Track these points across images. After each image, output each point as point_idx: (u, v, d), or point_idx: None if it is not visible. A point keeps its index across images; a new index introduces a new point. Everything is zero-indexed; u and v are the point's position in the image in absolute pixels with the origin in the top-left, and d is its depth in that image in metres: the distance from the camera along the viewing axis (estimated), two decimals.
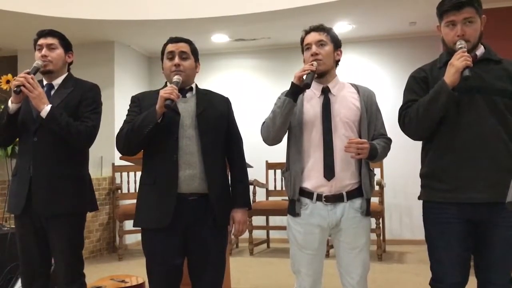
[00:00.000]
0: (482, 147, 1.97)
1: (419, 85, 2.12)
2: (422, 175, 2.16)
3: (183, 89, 2.29)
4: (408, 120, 2.08)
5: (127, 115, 2.30)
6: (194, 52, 2.34)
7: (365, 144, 2.11)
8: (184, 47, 2.29)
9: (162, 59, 2.32)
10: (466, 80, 1.92)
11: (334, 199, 2.18)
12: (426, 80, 2.11)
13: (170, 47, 2.28)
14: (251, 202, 5.63)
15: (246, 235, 5.44)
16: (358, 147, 2.10)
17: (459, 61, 1.92)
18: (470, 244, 2.03)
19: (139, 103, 2.30)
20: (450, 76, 1.95)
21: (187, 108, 2.25)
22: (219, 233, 2.26)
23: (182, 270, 2.25)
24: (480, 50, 2.08)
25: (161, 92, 2.11)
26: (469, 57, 1.93)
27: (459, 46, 1.99)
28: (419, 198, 2.18)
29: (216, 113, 2.29)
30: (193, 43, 2.36)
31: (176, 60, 2.25)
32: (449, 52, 2.08)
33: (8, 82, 3.64)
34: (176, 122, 2.20)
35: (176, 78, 2.21)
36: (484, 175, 1.96)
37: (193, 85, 2.35)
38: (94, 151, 2.61)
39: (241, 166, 2.37)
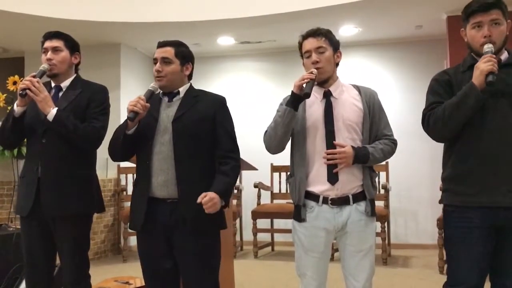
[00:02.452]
0: (507, 151, 1.96)
1: (443, 88, 2.10)
2: (444, 179, 2.14)
3: (171, 93, 2.29)
4: (434, 121, 2.05)
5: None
6: (180, 54, 2.28)
7: (344, 153, 2.12)
8: (166, 51, 2.25)
9: None
10: (489, 86, 1.91)
11: (340, 202, 2.18)
12: (450, 83, 2.09)
13: (155, 53, 2.29)
14: (257, 204, 5.64)
15: (250, 237, 5.45)
16: (336, 157, 2.13)
17: (485, 64, 1.91)
18: (490, 249, 2.01)
19: None
20: (475, 78, 1.94)
21: (168, 113, 2.25)
22: (199, 241, 2.17)
23: (174, 271, 2.24)
24: (504, 55, 2.07)
25: (128, 104, 2.15)
26: (496, 62, 1.91)
27: (487, 49, 1.97)
28: (440, 202, 2.16)
29: (198, 116, 2.22)
30: (180, 46, 2.30)
31: (157, 65, 2.25)
32: (474, 55, 2.06)
33: (15, 83, 3.66)
34: (152, 128, 2.21)
35: (150, 86, 2.23)
36: (508, 179, 1.95)
37: (181, 88, 2.30)
38: (100, 153, 2.62)
39: (227, 164, 2.21)
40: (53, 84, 2.52)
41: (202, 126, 2.23)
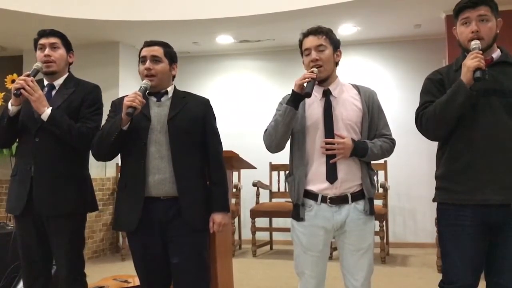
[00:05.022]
0: (498, 149, 1.97)
1: (436, 87, 2.11)
2: (437, 177, 2.15)
3: (158, 93, 2.30)
4: (426, 120, 2.06)
5: (105, 121, 2.32)
6: (169, 54, 2.32)
7: (343, 144, 2.13)
8: (156, 50, 2.28)
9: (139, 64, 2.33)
10: (477, 81, 1.91)
11: (339, 200, 2.18)
12: (443, 82, 2.10)
13: (143, 52, 2.29)
14: (255, 203, 5.65)
15: (249, 236, 5.45)
16: (334, 148, 2.13)
17: (471, 61, 1.92)
18: (483, 247, 2.02)
19: (116, 108, 2.30)
20: (463, 75, 1.95)
21: (159, 112, 2.26)
22: (194, 236, 2.24)
23: (168, 268, 2.25)
24: (497, 53, 2.07)
25: (125, 99, 2.13)
26: (483, 59, 1.92)
27: (474, 46, 1.98)
28: (433, 200, 2.16)
29: (190, 117, 2.27)
30: (168, 46, 2.34)
31: (147, 64, 2.25)
32: (464, 53, 2.07)
33: (13, 82, 3.65)
34: (145, 127, 2.21)
35: (143, 83, 2.22)
36: (499, 176, 1.96)
37: (169, 88, 2.33)
38: None
39: (217, 169, 2.33)
40: (45, 82, 2.51)
41: (194, 126, 2.27)
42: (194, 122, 2.28)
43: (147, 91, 2.25)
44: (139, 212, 2.17)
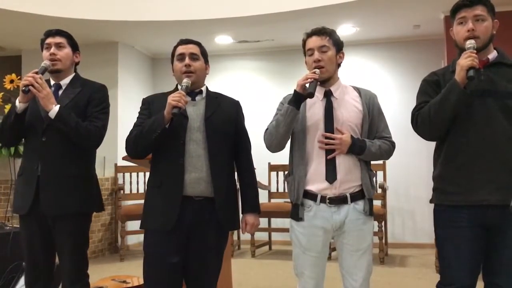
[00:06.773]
0: (493, 150, 1.97)
1: (432, 88, 2.12)
2: (434, 178, 2.15)
3: (193, 91, 2.30)
4: (421, 120, 2.07)
5: (137, 118, 2.32)
6: (204, 53, 2.35)
7: (340, 140, 2.14)
8: (193, 48, 2.30)
9: (172, 62, 2.34)
10: (470, 81, 1.91)
11: (338, 201, 2.18)
12: (438, 83, 2.11)
13: (180, 49, 2.30)
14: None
15: (248, 236, 5.44)
16: (331, 143, 2.14)
17: (465, 60, 1.93)
18: (480, 248, 2.02)
19: (149, 106, 2.31)
20: (457, 75, 1.96)
21: (195, 111, 2.26)
22: (221, 236, 2.29)
23: (181, 267, 2.24)
24: (493, 54, 2.08)
25: (169, 99, 2.13)
26: (477, 58, 1.93)
27: (468, 45, 1.99)
28: (430, 201, 2.16)
29: (224, 117, 2.29)
30: (202, 45, 2.37)
31: (187, 60, 2.26)
32: (461, 53, 2.07)
33: (12, 82, 3.64)
34: (183, 126, 2.21)
35: (185, 81, 2.23)
36: (495, 177, 1.96)
37: (203, 88, 2.35)
38: (97, 151, 2.61)
39: (249, 169, 2.38)
40: (52, 82, 2.51)
41: (228, 126, 2.30)
42: (228, 122, 2.30)
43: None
44: (177, 212, 2.14)
